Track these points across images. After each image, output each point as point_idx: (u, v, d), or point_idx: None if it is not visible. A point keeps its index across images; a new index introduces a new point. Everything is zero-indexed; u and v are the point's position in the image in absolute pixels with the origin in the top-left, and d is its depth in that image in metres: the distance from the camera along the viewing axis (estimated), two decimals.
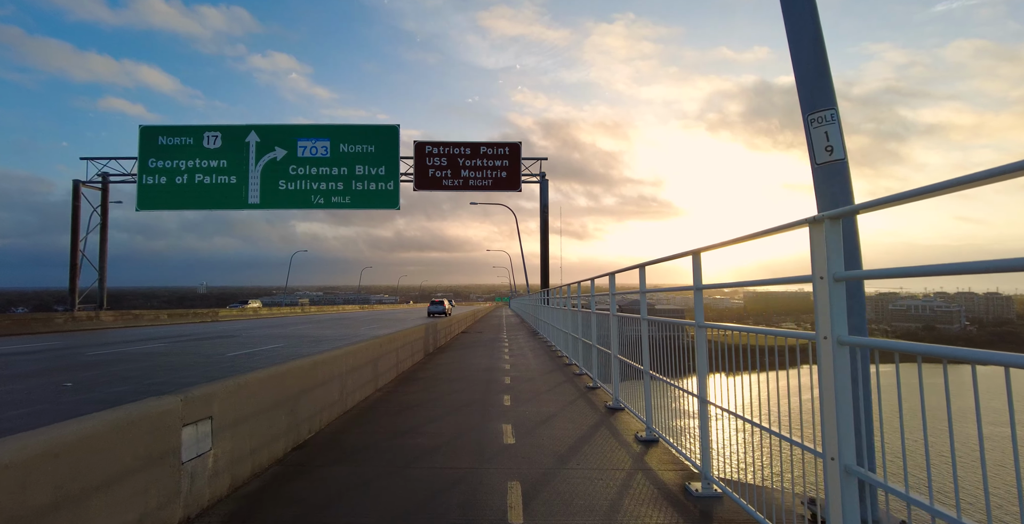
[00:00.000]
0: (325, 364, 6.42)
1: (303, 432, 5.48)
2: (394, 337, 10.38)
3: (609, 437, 5.55)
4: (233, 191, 25.87)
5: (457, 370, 11.09)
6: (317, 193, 25.96)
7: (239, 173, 25.99)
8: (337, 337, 21.81)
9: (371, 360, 8.40)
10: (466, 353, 14.60)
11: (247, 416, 4.28)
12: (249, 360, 13.13)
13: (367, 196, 26.00)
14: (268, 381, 4.76)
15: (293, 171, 26.06)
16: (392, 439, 5.55)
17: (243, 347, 16.78)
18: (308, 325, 31.27)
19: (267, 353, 14.85)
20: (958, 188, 1.63)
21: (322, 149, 26.18)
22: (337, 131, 26.25)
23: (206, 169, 25.86)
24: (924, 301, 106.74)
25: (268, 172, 26.05)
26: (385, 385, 9.04)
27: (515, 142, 26.45)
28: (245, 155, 26.09)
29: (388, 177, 26.11)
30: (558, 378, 9.87)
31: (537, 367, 11.51)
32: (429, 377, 10.09)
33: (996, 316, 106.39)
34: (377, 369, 8.67)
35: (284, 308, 53.61)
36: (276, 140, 26.17)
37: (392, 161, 26.27)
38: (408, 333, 12.04)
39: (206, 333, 24.05)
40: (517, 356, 13.73)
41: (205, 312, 38.19)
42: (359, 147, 26.17)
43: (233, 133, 26.22)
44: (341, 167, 26.09)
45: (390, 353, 9.76)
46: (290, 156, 26.15)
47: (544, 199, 26.61)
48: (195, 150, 25.91)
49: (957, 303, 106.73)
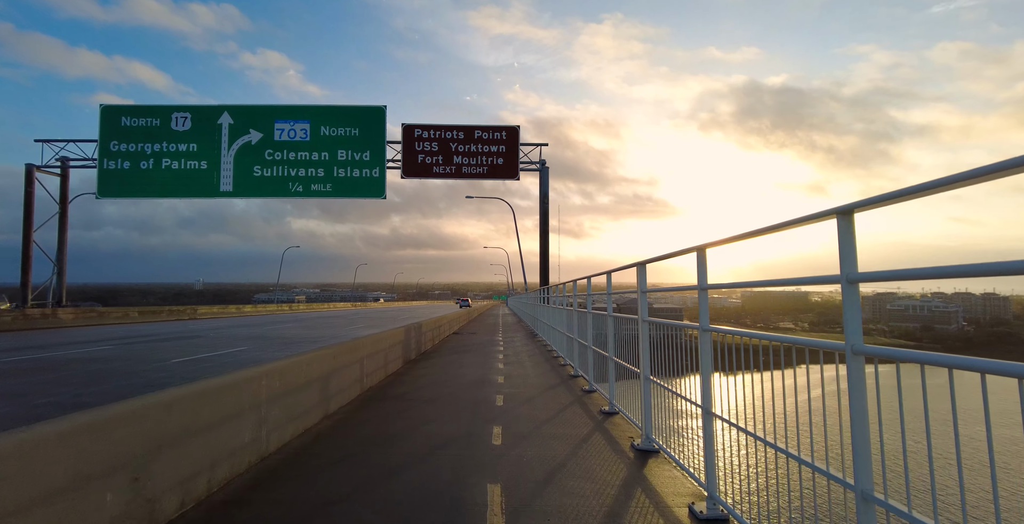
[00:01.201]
0: (228, 391, 4.28)
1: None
2: (358, 344, 8.25)
3: (651, 512, 3.44)
4: (203, 177, 23.64)
5: (439, 385, 8.96)
6: (295, 180, 23.74)
7: (210, 158, 23.75)
8: (315, 338, 19.69)
9: (319, 377, 6.27)
10: (454, 360, 12.47)
11: None
12: (191, 370, 10.97)
13: (350, 184, 23.80)
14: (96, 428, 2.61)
15: (269, 156, 23.84)
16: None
17: (200, 350, 14.62)
18: (291, 324, 29.18)
19: (217, 360, 12.68)
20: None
21: (301, 132, 23.96)
22: (318, 112, 24.03)
23: (174, 153, 23.62)
24: (922, 301, 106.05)
25: (242, 157, 23.83)
26: (342, 408, 6.91)
27: (512, 126, 24.26)
28: (217, 138, 23.86)
29: (373, 163, 23.92)
30: (563, 398, 7.75)
31: (537, 381, 9.39)
32: (401, 395, 7.96)
33: (994, 316, 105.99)
34: (328, 389, 6.53)
35: (272, 306, 51.36)
36: (251, 122, 23.95)
37: (378, 146, 24.07)
38: (381, 338, 9.91)
39: (172, 333, 21.93)
40: (513, 364, 11.61)
41: (183, 309, 35.97)
42: (342, 130, 23.96)
43: (204, 114, 23.97)
44: (322, 152, 23.88)
45: (350, 365, 7.63)
46: (266, 140, 23.92)
47: (544, 188, 24.43)
48: (162, 132, 23.66)
49: (955, 303, 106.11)
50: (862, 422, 2.07)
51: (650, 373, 4.76)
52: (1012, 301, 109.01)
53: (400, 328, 11.92)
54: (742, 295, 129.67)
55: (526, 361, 12.23)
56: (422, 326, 14.55)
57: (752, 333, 2.94)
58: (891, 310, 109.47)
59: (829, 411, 2.28)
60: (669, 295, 67.99)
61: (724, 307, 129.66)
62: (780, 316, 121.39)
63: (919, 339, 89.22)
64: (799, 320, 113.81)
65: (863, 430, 2.07)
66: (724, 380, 3.26)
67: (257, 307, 47.48)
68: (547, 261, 24.62)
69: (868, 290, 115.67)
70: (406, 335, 12.17)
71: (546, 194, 24.38)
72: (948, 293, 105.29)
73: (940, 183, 1.64)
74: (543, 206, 24.59)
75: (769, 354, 2.73)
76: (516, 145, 24.19)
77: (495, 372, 10.43)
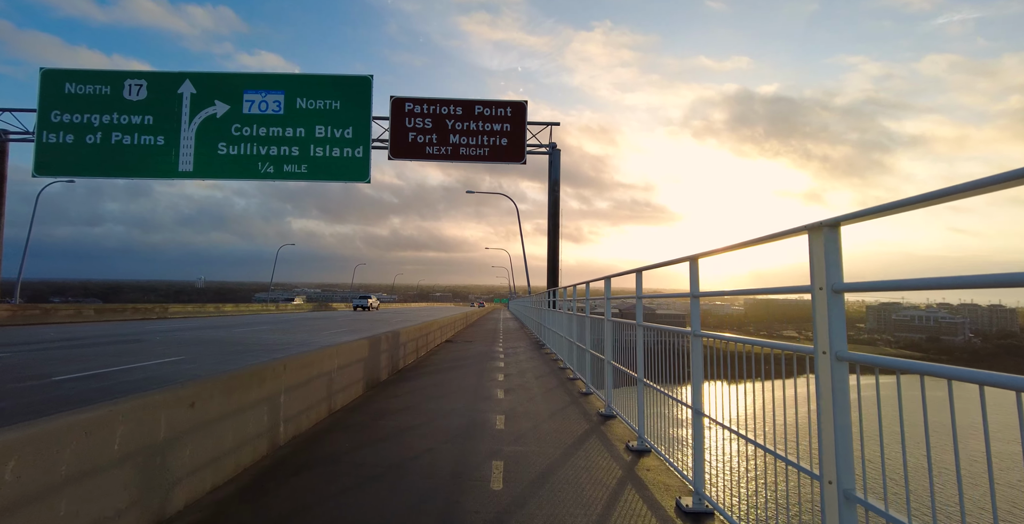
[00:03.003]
0: None
1: None
2: (276, 366, 4.99)
3: None
4: (160, 155, 20.36)
5: (405, 434, 5.65)
6: (266, 160, 20.44)
7: (168, 133, 20.48)
8: (280, 344, 16.43)
9: (164, 442, 2.97)
10: (438, 384, 9.16)
11: None
12: (35, 399, 7.66)
13: (329, 165, 20.50)
14: None
15: (237, 132, 20.55)
16: None
17: (117, 361, 11.34)
18: (265, 326, 25.95)
19: (113, 379, 9.37)
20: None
21: (274, 104, 20.67)
22: (294, 82, 20.75)
23: (126, 126, 20.35)
24: (928, 312, 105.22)
25: (205, 132, 20.55)
26: (234, 479, 3.61)
27: (519, 101, 20.97)
28: (177, 110, 20.59)
29: (356, 141, 20.62)
30: (597, 457, 4.45)
31: (551, 424, 6.08)
32: (338, 457, 4.66)
33: (1000, 328, 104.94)
34: (183, 459, 3.22)
35: (257, 305, 48.10)
36: (217, 92, 20.68)
37: (362, 122, 20.77)
38: (324, 358, 6.63)
39: (116, 335, 18.69)
40: (517, 391, 8.31)
41: (151, 307, 32.72)
42: (321, 103, 20.68)
43: (162, 82, 20.71)
44: (297, 127, 20.59)
45: (254, 407, 4.34)
46: (234, 113, 20.65)
47: (555, 174, 21.08)
48: (113, 102, 20.40)
49: (962, 315, 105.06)
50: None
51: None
52: (1019, 313, 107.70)
53: (363, 341, 8.63)
54: (745, 303, 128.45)
55: (533, 385, 8.92)
56: (400, 335, 11.23)
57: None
58: (896, 320, 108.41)
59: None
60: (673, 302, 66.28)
61: (727, 315, 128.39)
62: (783, 324, 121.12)
63: (925, 350, 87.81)
64: (803, 329, 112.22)
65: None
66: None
67: (239, 306, 44.17)
68: (556, 259, 21.26)
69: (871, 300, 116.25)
70: (372, 350, 8.86)
71: (557, 181, 21.03)
72: (954, 304, 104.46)
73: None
74: (552, 194, 21.20)
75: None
76: (523, 124, 20.86)
77: (492, 406, 7.14)
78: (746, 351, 3.00)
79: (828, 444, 2.16)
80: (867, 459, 2.11)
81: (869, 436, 2.08)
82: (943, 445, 1.70)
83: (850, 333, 2.20)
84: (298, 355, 6.01)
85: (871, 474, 2.11)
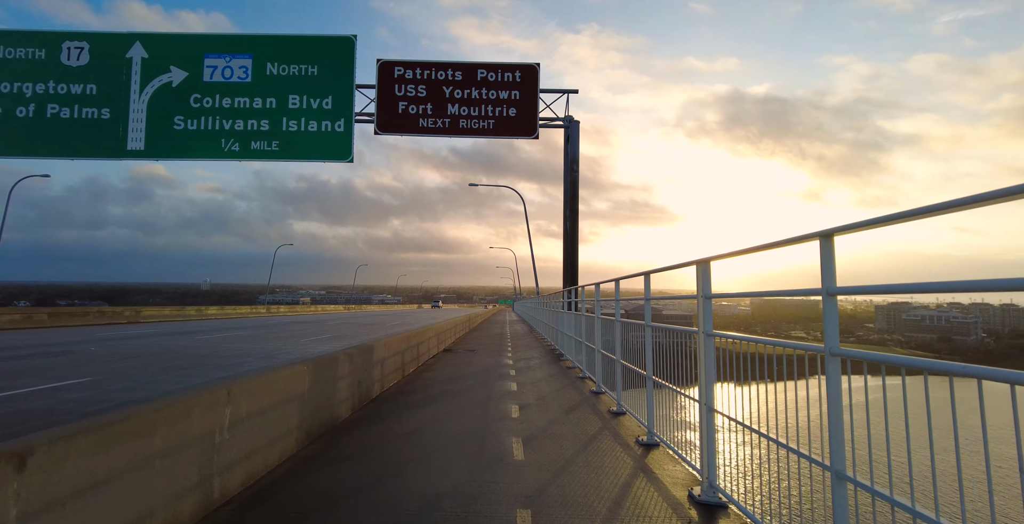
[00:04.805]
0: None
1: None
2: None
3: None
4: (105, 131, 17.15)
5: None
6: (230, 136, 17.19)
7: (115, 105, 17.27)
8: (242, 355, 13.30)
9: None
10: (422, 428, 5.85)
11: None
12: None
13: (305, 141, 17.23)
14: None
15: (196, 103, 17.31)
16: None
17: None
18: (238, 332, 22.88)
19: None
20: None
21: (240, 71, 17.43)
22: (264, 44, 17.52)
23: (65, 97, 17.15)
24: (938, 312, 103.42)
25: (159, 104, 17.33)
26: None
27: (530, 64, 17.71)
28: (125, 78, 17.38)
29: (337, 113, 17.35)
30: None
31: None
32: None
33: (1013, 328, 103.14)
34: None
35: (244, 308, 44.99)
36: (173, 57, 17.45)
37: (343, 90, 17.49)
38: (223, 395, 3.36)
39: (41, 345, 15.67)
40: (542, 441, 4.99)
41: (120, 311, 29.61)
42: (295, 68, 17.42)
43: (108, 45, 17.49)
44: (268, 98, 17.34)
45: None
46: (193, 81, 17.41)
47: (573, 150, 17.70)
48: (49, 68, 17.20)
49: (973, 315, 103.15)
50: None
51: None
52: None
53: (301, 366, 5.39)
54: (752, 303, 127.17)
55: (563, 429, 5.60)
56: (374, 351, 7.97)
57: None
58: (906, 320, 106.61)
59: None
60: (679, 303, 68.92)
61: (734, 315, 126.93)
62: (791, 325, 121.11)
63: (937, 350, 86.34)
64: (811, 329, 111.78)
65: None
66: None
67: (225, 309, 41.03)
68: (575, 252, 17.90)
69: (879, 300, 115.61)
70: (317, 379, 5.61)
71: (576, 158, 17.67)
72: (965, 304, 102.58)
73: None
74: (571, 175, 17.82)
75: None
76: (535, 91, 17.53)
77: (505, 478, 3.89)
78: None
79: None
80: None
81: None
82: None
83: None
84: (135, 409, 2.81)
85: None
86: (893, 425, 2.13)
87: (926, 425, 1.90)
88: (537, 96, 17.63)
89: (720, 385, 3.66)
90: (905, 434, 2.01)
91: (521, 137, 17.51)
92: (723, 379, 3.62)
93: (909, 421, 2.00)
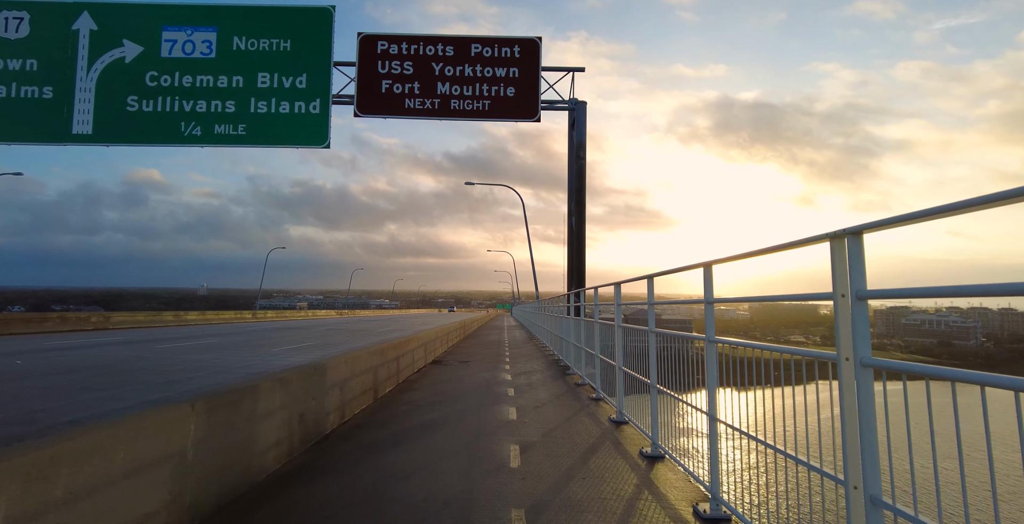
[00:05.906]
0: None
1: None
2: None
3: None
4: (47, 111, 15.08)
5: None
6: (191, 118, 15.13)
7: (59, 83, 15.21)
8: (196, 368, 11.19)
9: None
10: (380, 496, 3.74)
11: None
12: None
13: (275, 124, 15.18)
14: None
15: (153, 81, 15.27)
16: None
17: None
18: (209, 340, 20.75)
19: None
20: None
21: (203, 45, 15.40)
22: (231, 15, 15.52)
23: (1, 73, 15.12)
24: (938, 316, 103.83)
25: (110, 82, 15.27)
26: None
27: (530, 37, 15.73)
28: (71, 53, 15.33)
29: (312, 93, 15.31)
30: None
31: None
32: None
33: (1012, 333, 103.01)
34: None
35: (228, 313, 42.70)
36: (126, 29, 15.43)
37: (320, 68, 15.46)
38: None
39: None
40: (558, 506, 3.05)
41: (87, 316, 27.39)
42: (265, 43, 15.41)
43: (51, 15, 15.46)
44: (234, 76, 15.30)
45: None
46: (148, 56, 15.36)
47: (579, 135, 15.68)
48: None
49: (973, 319, 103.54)
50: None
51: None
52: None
53: (177, 407, 3.25)
54: (750, 308, 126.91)
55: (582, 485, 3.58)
56: (327, 371, 5.90)
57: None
58: (905, 324, 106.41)
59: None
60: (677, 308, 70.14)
61: (732, 319, 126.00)
62: (790, 329, 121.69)
63: (938, 355, 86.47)
64: (810, 333, 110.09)
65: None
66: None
67: (206, 314, 38.77)
68: (582, 250, 15.87)
69: (878, 304, 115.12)
70: (207, 426, 3.49)
71: (582, 144, 15.65)
72: (964, 308, 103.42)
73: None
74: (577, 163, 15.79)
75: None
76: (536, 68, 15.53)
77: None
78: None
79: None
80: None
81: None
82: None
83: None
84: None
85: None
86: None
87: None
88: (539, 74, 15.62)
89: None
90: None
91: (521, 119, 15.47)
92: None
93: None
